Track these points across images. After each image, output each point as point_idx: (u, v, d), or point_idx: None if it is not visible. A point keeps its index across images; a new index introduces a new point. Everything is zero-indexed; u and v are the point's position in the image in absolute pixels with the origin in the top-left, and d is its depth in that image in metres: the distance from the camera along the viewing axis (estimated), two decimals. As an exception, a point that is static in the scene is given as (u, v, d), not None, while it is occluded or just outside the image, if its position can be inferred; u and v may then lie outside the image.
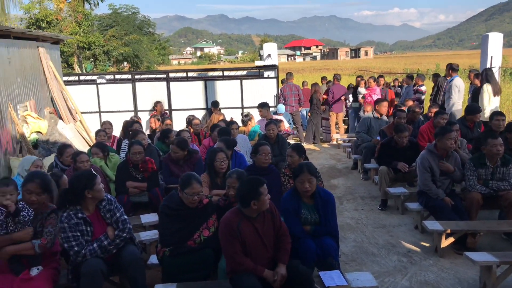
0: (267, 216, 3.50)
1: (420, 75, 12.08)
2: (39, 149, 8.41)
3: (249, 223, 3.41)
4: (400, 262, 4.60)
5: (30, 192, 3.61)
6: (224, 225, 3.38)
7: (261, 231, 3.45)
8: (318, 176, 4.00)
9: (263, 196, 3.37)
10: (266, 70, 11.67)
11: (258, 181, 3.41)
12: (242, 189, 3.41)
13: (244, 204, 3.38)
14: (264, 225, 3.48)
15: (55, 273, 3.71)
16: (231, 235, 3.33)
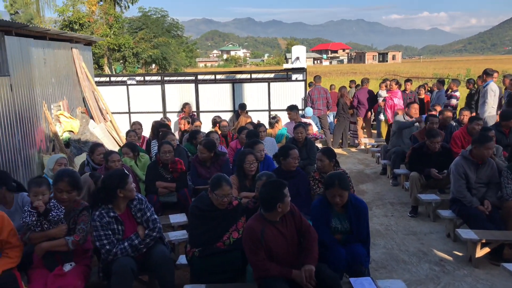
0: (288, 217, 3.46)
1: (454, 80, 11.78)
2: (70, 148, 8.60)
3: (273, 228, 3.37)
4: (432, 271, 4.47)
5: (61, 191, 3.68)
6: (247, 233, 3.35)
7: (285, 234, 3.41)
8: (350, 187, 3.88)
9: (287, 198, 3.35)
10: (294, 73, 11.63)
11: (281, 183, 3.39)
12: (266, 192, 3.35)
13: (269, 208, 3.33)
14: (287, 227, 3.43)
15: (87, 270, 3.78)
16: (254, 243, 3.30)
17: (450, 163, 5.54)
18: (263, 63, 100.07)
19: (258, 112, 11.19)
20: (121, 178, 3.66)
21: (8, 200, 4.07)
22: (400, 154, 7.52)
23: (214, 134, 7.04)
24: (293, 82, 11.52)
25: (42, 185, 3.66)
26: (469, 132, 6.46)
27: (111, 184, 3.63)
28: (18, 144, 6.97)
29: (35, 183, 3.68)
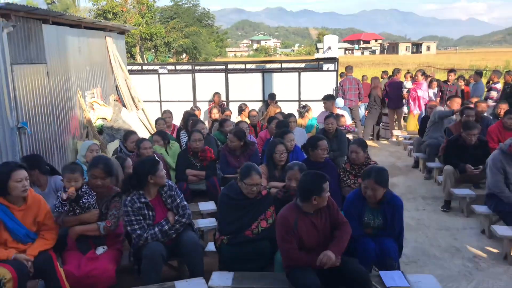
0: (324, 210, 3.42)
1: (496, 71, 11.28)
2: (103, 135, 8.80)
3: (306, 219, 3.35)
4: (465, 267, 4.36)
5: (95, 177, 3.79)
6: (281, 222, 3.33)
7: (318, 226, 3.39)
8: (387, 186, 3.77)
9: (324, 193, 3.30)
10: (325, 63, 11.46)
11: (322, 176, 3.34)
12: (305, 182, 3.33)
13: (305, 198, 3.31)
14: (321, 219, 3.41)
15: (119, 254, 3.87)
16: (288, 232, 3.28)
17: (486, 157, 5.38)
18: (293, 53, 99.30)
19: (288, 102, 11.11)
20: (152, 164, 3.71)
21: (42, 182, 4.23)
22: (436, 147, 7.33)
23: (243, 124, 7.05)
24: (324, 72, 11.36)
25: (76, 171, 3.75)
26: (504, 126, 6.24)
27: (142, 170, 3.68)
28: (54, 130, 7.17)
29: (69, 169, 3.77)
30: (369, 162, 4.83)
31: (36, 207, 3.55)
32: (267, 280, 3.55)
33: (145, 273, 3.56)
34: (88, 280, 3.52)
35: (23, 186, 3.40)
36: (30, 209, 3.51)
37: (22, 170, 3.44)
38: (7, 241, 3.43)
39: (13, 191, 3.37)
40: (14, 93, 5.97)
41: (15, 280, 3.23)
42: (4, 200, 3.40)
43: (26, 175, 3.46)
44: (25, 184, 3.41)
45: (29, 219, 3.51)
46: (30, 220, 3.52)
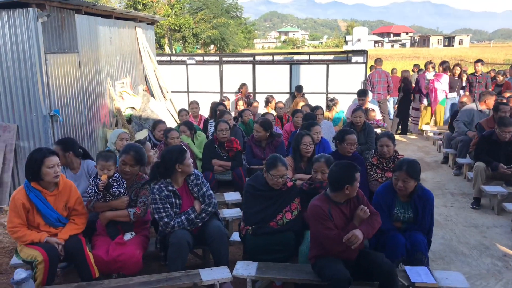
0: (353, 200, 3.41)
1: None
2: (132, 124, 8.95)
3: (337, 208, 3.34)
4: (494, 266, 4.26)
5: (125, 164, 3.87)
6: (315, 211, 3.31)
7: (348, 217, 3.38)
8: (419, 179, 3.71)
9: (356, 182, 3.30)
10: (354, 55, 11.30)
11: (354, 166, 3.33)
12: (337, 172, 3.30)
13: (337, 188, 3.29)
14: (351, 210, 3.39)
15: (146, 240, 3.95)
16: (324, 219, 3.26)
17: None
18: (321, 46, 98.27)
19: (315, 94, 11.02)
20: (179, 153, 3.76)
21: (75, 165, 4.33)
22: (468, 143, 7.15)
23: (269, 115, 7.04)
24: (353, 64, 11.20)
25: (109, 160, 3.83)
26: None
27: (170, 159, 3.73)
28: (85, 118, 7.34)
29: (103, 157, 3.85)
30: (397, 156, 4.76)
31: (67, 193, 3.66)
32: (291, 271, 3.56)
33: (171, 260, 3.62)
34: (116, 264, 3.62)
35: (55, 172, 3.49)
36: (61, 195, 3.62)
37: (54, 156, 3.53)
38: (40, 225, 3.54)
39: (46, 177, 3.47)
40: (47, 81, 6.14)
41: (46, 262, 3.35)
42: (37, 185, 3.51)
43: (58, 162, 3.55)
44: (56, 170, 3.51)
45: (60, 204, 3.62)
46: (62, 205, 3.63)
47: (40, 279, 3.37)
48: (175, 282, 3.40)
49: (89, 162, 4.41)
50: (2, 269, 4.28)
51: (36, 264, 3.37)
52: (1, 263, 4.40)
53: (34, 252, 3.39)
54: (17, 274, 3.19)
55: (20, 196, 3.47)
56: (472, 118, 7.43)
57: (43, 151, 3.54)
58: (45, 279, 3.38)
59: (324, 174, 3.95)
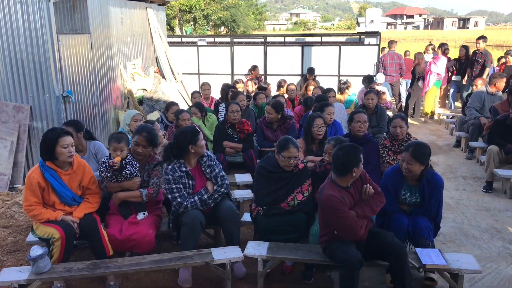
0: (358, 182, 3.40)
1: None
2: (143, 106, 8.99)
3: (347, 193, 3.33)
4: (505, 249, 4.25)
5: (137, 144, 3.89)
6: (331, 201, 3.23)
7: (356, 199, 3.38)
8: (426, 163, 3.64)
9: (361, 163, 3.29)
10: (367, 37, 11.15)
11: (357, 148, 3.32)
12: (343, 156, 3.27)
13: (345, 172, 3.26)
14: (357, 190, 3.39)
15: (158, 219, 4.00)
16: (341, 206, 3.22)
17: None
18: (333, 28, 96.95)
19: (327, 77, 10.93)
20: (192, 134, 3.78)
21: (82, 147, 4.36)
22: (479, 127, 7.07)
23: (281, 98, 7.02)
24: (366, 46, 11.06)
25: (122, 141, 3.83)
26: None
27: (184, 140, 3.75)
28: (97, 99, 7.38)
29: (115, 139, 3.85)
30: (409, 138, 4.73)
31: (82, 172, 3.70)
32: (302, 251, 3.59)
33: (184, 239, 3.67)
34: (129, 243, 3.67)
35: (69, 152, 3.53)
36: (75, 174, 3.66)
37: (68, 136, 3.57)
38: (55, 203, 3.60)
39: (60, 156, 3.52)
40: (59, 62, 6.17)
41: (63, 239, 3.42)
42: (52, 164, 3.56)
43: (72, 141, 3.59)
44: (71, 150, 3.54)
45: (75, 183, 3.67)
46: (76, 184, 3.68)
47: (56, 256, 3.44)
48: (187, 261, 3.45)
49: (95, 143, 4.43)
50: (18, 246, 4.38)
51: (53, 241, 3.43)
52: (17, 240, 4.50)
53: (51, 229, 3.45)
54: (33, 251, 3.27)
55: (36, 175, 3.52)
56: (483, 102, 7.33)
57: (57, 131, 3.56)
58: (61, 256, 3.46)
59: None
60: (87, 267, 3.39)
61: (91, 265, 3.41)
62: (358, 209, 3.32)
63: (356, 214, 3.30)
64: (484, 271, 3.79)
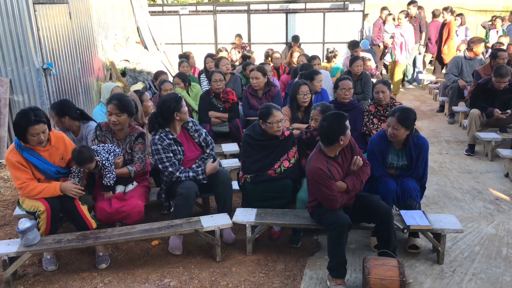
0: (347, 150, 3.41)
1: None
2: (126, 77, 8.85)
3: (334, 163, 3.32)
4: (486, 209, 4.38)
5: (110, 114, 3.77)
6: (317, 174, 3.22)
7: (344, 167, 3.40)
8: (411, 127, 3.67)
9: (348, 131, 3.26)
10: (351, 2, 11.02)
11: (342, 115, 3.28)
12: (328, 125, 3.23)
13: (332, 141, 3.24)
14: (346, 160, 3.41)
15: (147, 190, 4.01)
16: (326, 180, 3.21)
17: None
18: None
19: (312, 44, 10.84)
20: (176, 101, 3.78)
21: (75, 128, 4.22)
22: (458, 89, 7.17)
23: (267, 66, 6.95)
24: (350, 12, 10.95)
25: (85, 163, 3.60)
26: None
27: (168, 107, 3.75)
28: (78, 71, 7.23)
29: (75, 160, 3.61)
30: (394, 103, 4.77)
31: (62, 146, 3.63)
32: (289, 216, 3.66)
33: (178, 209, 3.70)
34: (119, 215, 3.69)
35: (39, 139, 3.40)
36: (55, 148, 3.59)
37: (40, 124, 3.38)
38: (41, 180, 3.54)
39: (31, 142, 3.43)
40: (37, 33, 5.99)
41: (48, 211, 3.41)
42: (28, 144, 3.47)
43: (44, 129, 3.42)
44: (41, 138, 3.40)
45: (56, 158, 3.59)
46: (58, 159, 3.61)
47: (43, 228, 3.44)
48: (177, 229, 3.49)
49: (89, 125, 4.23)
50: (6, 220, 4.37)
51: (38, 214, 3.43)
52: (4, 214, 4.48)
53: (36, 203, 3.44)
54: (22, 223, 3.27)
55: (14, 156, 3.43)
56: (461, 67, 7.38)
57: (28, 118, 3.35)
58: (48, 228, 3.46)
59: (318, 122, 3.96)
60: (77, 238, 3.41)
61: (80, 236, 3.43)
62: (349, 182, 3.32)
63: (347, 187, 3.30)
64: (465, 231, 3.92)
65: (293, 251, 3.74)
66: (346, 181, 3.33)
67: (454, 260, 3.53)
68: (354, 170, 3.40)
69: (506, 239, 3.81)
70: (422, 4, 11.02)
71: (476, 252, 3.63)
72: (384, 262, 3.03)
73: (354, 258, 3.58)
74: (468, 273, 3.36)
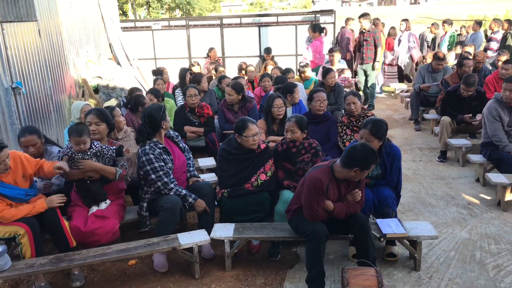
0: (353, 182, 3.37)
1: (496, 20, 10.95)
2: (99, 94, 8.74)
3: (336, 185, 3.31)
4: (459, 214, 4.48)
5: (90, 124, 3.87)
6: (314, 183, 3.24)
7: (342, 194, 3.38)
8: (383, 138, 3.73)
9: (366, 171, 3.20)
10: (322, 15, 11.23)
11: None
12: (358, 151, 3.15)
13: (348, 165, 3.15)
14: (347, 189, 3.38)
15: (122, 209, 3.95)
16: (319, 194, 3.23)
17: (483, 108, 5.39)
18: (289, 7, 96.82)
19: (285, 57, 10.97)
20: (162, 111, 3.86)
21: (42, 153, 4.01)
22: (416, 97, 7.48)
23: (241, 80, 6.99)
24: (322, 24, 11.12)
25: (84, 134, 3.66)
26: (500, 77, 6.22)
27: (156, 117, 3.79)
28: (49, 90, 7.09)
29: (76, 132, 3.65)
30: (366, 114, 4.85)
31: (20, 165, 3.50)
32: (267, 230, 3.65)
33: (163, 225, 3.65)
34: (94, 237, 3.59)
35: (5, 166, 3.30)
36: (15, 169, 3.46)
37: (2, 151, 3.28)
38: (12, 205, 3.42)
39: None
40: (5, 52, 5.86)
41: (29, 233, 3.30)
42: None
43: (7, 155, 3.32)
44: (7, 164, 3.31)
45: (18, 179, 3.47)
46: (20, 179, 3.48)
47: (29, 252, 3.33)
48: (154, 247, 3.44)
49: (52, 151, 4.04)
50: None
51: (19, 239, 3.32)
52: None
53: (12, 228, 3.30)
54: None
55: None
56: (423, 78, 7.53)
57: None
58: (33, 250, 3.34)
59: (294, 133, 3.99)
60: (50, 261, 3.31)
61: (54, 259, 3.34)
62: (337, 207, 3.31)
63: (333, 209, 3.30)
64: (440, 236, 3.99)
65: (273, 264, 3.73)
66: (336, 204, 3.32)
67: (430, 266, 3.59)
68: (349, 200, 3.38)
69: (479, 243, 3.90)
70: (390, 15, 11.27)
71: (451, 257, 3.70)
72: (362, 271, 3.06)
73: (333, 268, 3.60)
74: (444, 278, 3.42)
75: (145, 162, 3.71)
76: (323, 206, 3.28)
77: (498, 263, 3.59)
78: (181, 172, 4.04)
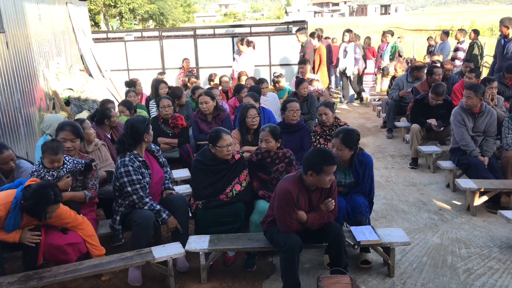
0: (325, 191, 3.40)
1: (461, 30, 11.35)
2: (71, 106, 8.58)
3: (306, 194, 3.33)
4: (431, 220, 4.57)
5: (65, 140, 3.80)
6: (284, 195, 3.25)
7: (313, 203, 3.39)
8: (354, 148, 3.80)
9: (324, 175, 3.17)
10: (295, 26, 11.36)
11: (328, 159, 3.18)
12: (309, 155, 3.23)
13: (304, 169, 3.22)
14: (319, 198, 3.40)
15: (94, 223, 3.87)
16: (290, 205, 3.25)
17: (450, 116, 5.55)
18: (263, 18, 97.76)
19: (259, 67, 11.03)
20: (147, 123, 3.80)
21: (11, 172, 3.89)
22: (392, 107, 7.58)
23: (215, 90, 6.99)
24: (294, 35, 11.25)
25: (59, 152, 3.61)
26: (465, 85, 6.41)
27: (139, 129, 3.72)
28: (18, 102, 6.93)
29: (51, 150, 3.58)
30: (339, 123, 4.92)
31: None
32: (242, 241, 3.64)
33: (136, 239, 3.60)
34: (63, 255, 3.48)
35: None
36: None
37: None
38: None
39: None
40: (-28, 65, 5.72)
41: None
42: None
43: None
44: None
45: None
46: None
47: None
48: (128, 262, 3.38)
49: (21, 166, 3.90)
50: None
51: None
52: None
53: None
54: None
55: None
56: (401, 88, 7.70)
57: None
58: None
59: (269, 143, 4.01)
60: (19, 280, 3.21)
61: (23, 278, 3.23)
62: (310, 217, 3.33)
63: (306, 220, 3.31)
64: (413, 242, 4.06)
65: (249, 275, 3.72)
66: (309, 215, 3.34)
67: (404, 272, 3.64)
68: (322, 209, 3.40)
69: (451, 248, 3.99)
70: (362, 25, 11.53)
71: (424, 262, 3.77)
72: (337, 280, 3.08)
73: (309, 277, 3.61)
74: (417, 283, 3.48)
75: (123, 173, 3.65)
76: (296, 218, 3.30)
77: (468, 267, 3.68)
78: (157, 187, 3.98)
